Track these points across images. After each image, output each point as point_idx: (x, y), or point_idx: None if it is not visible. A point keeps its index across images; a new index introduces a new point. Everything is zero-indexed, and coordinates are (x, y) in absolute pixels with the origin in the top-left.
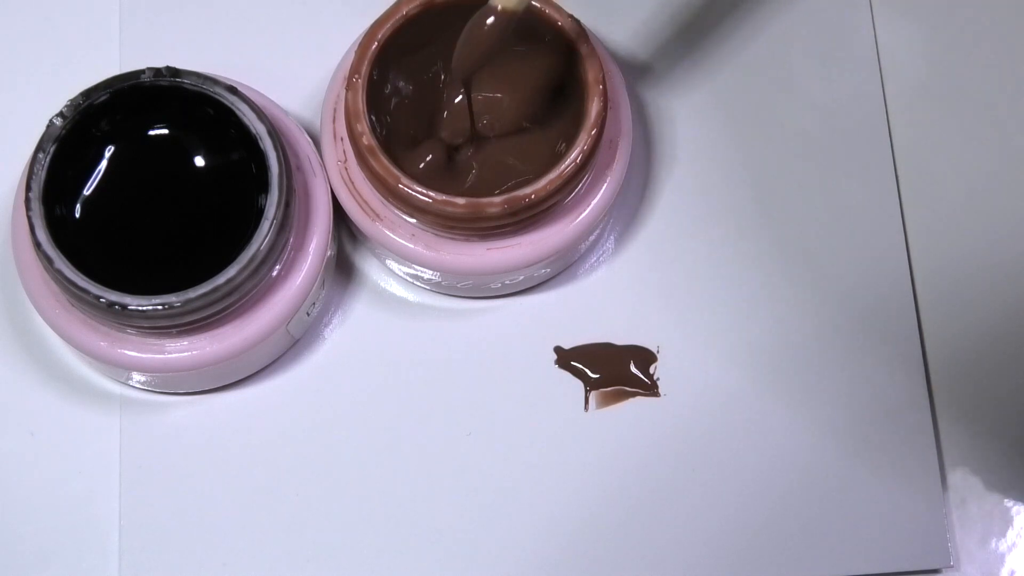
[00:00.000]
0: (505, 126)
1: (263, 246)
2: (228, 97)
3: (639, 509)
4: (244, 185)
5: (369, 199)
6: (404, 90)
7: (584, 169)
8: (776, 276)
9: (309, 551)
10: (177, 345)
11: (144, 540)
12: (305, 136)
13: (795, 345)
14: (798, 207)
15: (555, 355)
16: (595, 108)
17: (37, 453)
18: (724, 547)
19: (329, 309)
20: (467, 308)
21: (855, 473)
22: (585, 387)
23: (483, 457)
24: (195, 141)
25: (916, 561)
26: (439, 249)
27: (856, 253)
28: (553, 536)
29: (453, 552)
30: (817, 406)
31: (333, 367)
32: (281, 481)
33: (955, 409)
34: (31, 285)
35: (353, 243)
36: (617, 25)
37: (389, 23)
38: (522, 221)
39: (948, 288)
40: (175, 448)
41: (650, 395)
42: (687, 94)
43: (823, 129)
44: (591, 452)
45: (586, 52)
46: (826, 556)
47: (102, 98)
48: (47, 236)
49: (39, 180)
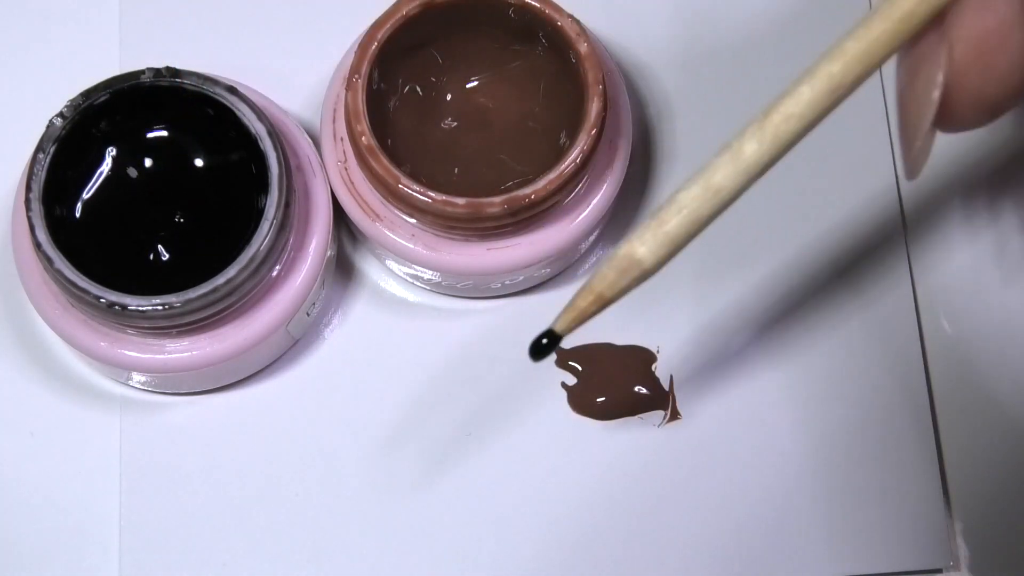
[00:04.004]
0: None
1: (263, 246)
2: (228, 97)
3: (639, 509)
4: (244, 185)
5: (369, 199)
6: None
7: (584, 169)
8: (776, 276)
9: (309, 551)
10: (177, 345)
11: (144, 540)
12: (305, 136)
13: (795, 345)
14: (799, 206)
15: (555, 355)
16: (595, 108)
17: (37, 453)
18: (724, 547)
19: (329, 309)
20: (467, 308)
21: (855, 473)
22: (585, 387)
23: (483, 457)
24: (195, 141)
25: (916, 561)
26: (439, 249)
27: (857, 253)
28: (553, 536)
29: (453, 552)
30: (817, 406)
31: (333, 367)
32: (281, 481)
33: (955, 409)
34: (31, 285)
35: (353, 243)
36: (617, 25)
37: (389, 23)
38: (522, 221)
39: (948, 288)
40: (175, 448)
41: (653, 397)
42: (687, 94)
43: (824, 128)
44: (591, 452)
45: (586, 52)
46: (827, 556)
47: (102, 98)
48: (47, 236)
49: (39, 180)
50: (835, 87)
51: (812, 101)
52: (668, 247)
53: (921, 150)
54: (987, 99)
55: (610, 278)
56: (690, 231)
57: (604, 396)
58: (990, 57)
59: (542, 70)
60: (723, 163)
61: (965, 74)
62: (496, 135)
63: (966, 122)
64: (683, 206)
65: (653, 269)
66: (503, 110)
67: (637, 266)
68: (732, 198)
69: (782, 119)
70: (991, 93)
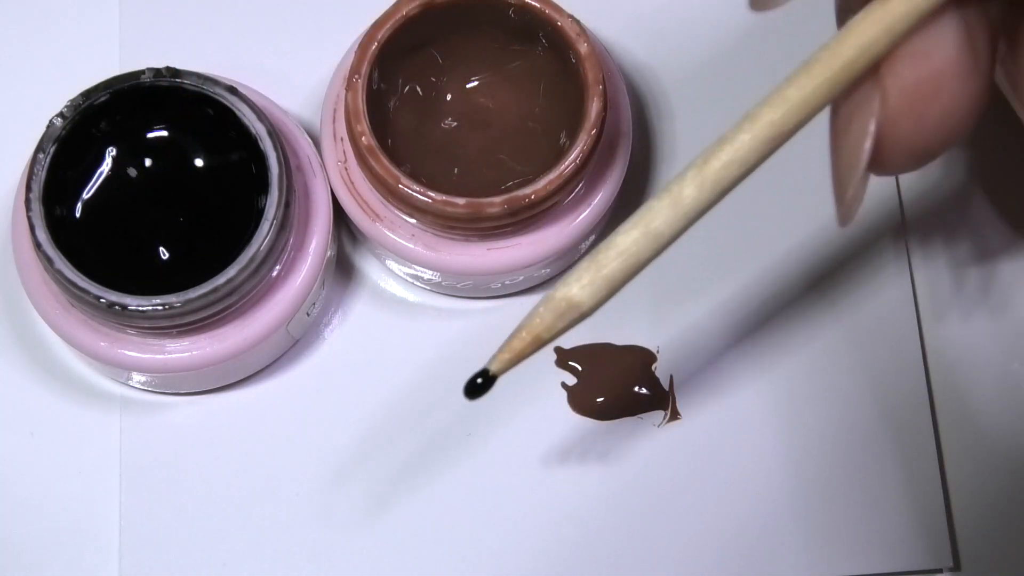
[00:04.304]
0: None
1: (263, 246)
2: (228, 97)
3: (639, 508)
4: (244, 186)
5: (369, 199)
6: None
7: (584, 169)
8: (776, 276)
9: (309, 551)
10: (177, 345)
11: (144, 540)
12: (305, 136)
13: (795, 345)
14: (799, 206)
15: (555, 355)
16: (595, 108)
17: (37, 453)
18: (724, 547)
19: (329, 309)
20: (467, 308)
21: (856, 473)
22: (585, 387)
23: (483, 457)
24: (195, 141)
25: (917, 561)
26: (439, 249)
27: (857, 254)
28: (553, 536)
29: (453, 552)
30: (817, 406)
31: (333, 367)
32: (281, 481)
33: (955, 409)
34: (31, 285)
35: (353, 243)
36: (617, 25)
37: (389, 23)
38: (522, 221)
39: (948, 288)
40: (175, 448)
41: (654, 397)
42: (687, 94)
43: (824, 127)
44: (591, 452)
45: (586, 52)
46: (827, 556)
47: (102, 98)
48: (47, 236)
49: (39, 180)
50: (775, 135)
51: (752, 148)
52: (605, 290)
53: (854, 197)
54: (918, 147)
55: (548, 320)
56: (628, 274)
57: (604, 396)
58: (922, 107)
59: (542, 70)
60: (662, 208)
61: (897, 123)
62: (496, 135)
63: (896, 168)
64: (622, 250)
65: (590, 311)
66: (503, 110)
67: (575, 309)
68: (670, 241)
69: (722, 165)
70: (922, 142)
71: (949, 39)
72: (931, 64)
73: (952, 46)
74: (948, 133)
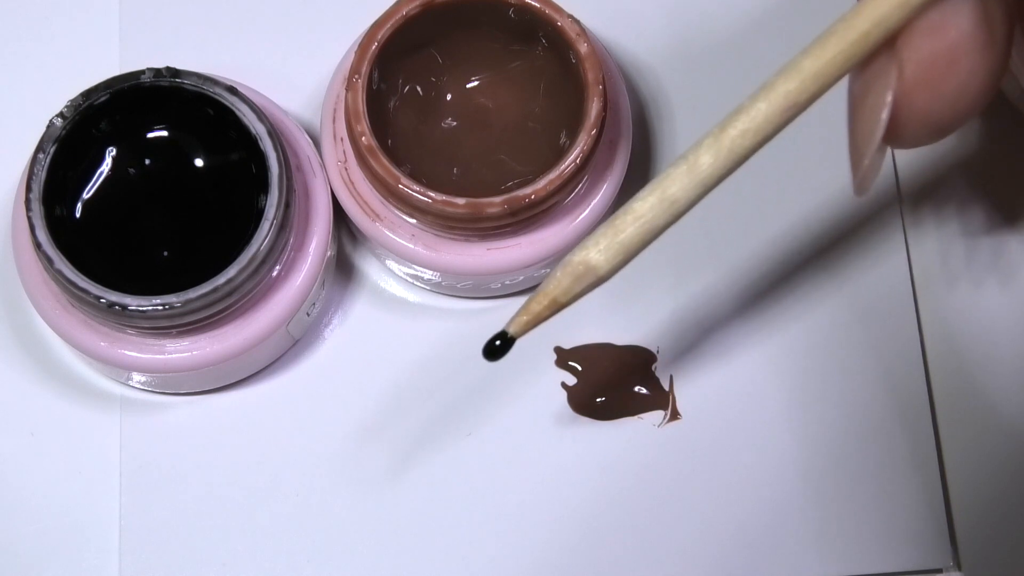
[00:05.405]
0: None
1: (263, 246)
2: (228, 97)
3: (640, 508)
4: (244, 185)
5: (369, 199)
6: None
7: (584, 169)
8: (777, 276)
9: (309, 551)
10: (177, 345)
11: (144, 540)
12: (305, 136)
13: (795, 344)
14: (800, 205)
15: (555, 355)
16: (595, 108)
17: (37, 453)
18: (724, 547)
19: (329, 309)
20: (467, 308)
21: (855, 473)
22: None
23: (483, 457)
24: (195, 141)
25: (917, 561)
26: (439, 249)
27: (857, 253)
28: (553, 536)
29: (453, 552)
30: (817, 406)
31: (333, 367)
32: (281, 481)
33: (955, 409)
34: (31, 285)
35: (353, 243)
36: (617, 25)
37: (389, 23)
38: (522, 221)
39: (948, 287)
40: (175, 448)
41: (654, 397)
42: (687, 94)
43: (825, 126)
44: (591, 452)
45: (586, 52)
46: (827, 556)
47: (102, 98)
48: (47, 236)
49: (39, 180)
50: (790, 105)
51: (768, 117)
52: (622, 255)
53: (870, 167)
54: (934, 120)
55: (565, 284)
56: (644, 240)
57: (604, 396)
58: (938, 79)
59: (542, 70)
60: (679, 175)
61: (913, 95)
62: (496, 135)
63: (913, 141)
64: (639, 216)
65: (607, 276)
66: (503, 110)
67: (592, 273)
68: (686, 208)
69: (738, 134)
70: (938, 114)
71: (965, 13)
72: (947, 37)
73: (968, 20)
74: (964, 106)
